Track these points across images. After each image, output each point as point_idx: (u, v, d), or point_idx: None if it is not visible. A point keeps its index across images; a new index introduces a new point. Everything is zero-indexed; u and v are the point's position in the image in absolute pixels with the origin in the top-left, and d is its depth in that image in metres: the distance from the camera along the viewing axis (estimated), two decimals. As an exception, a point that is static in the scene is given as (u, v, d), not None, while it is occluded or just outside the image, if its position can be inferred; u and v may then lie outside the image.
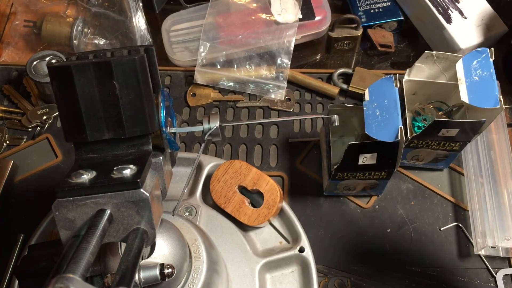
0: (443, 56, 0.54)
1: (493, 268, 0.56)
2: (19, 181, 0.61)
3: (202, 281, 0.42)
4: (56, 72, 0.32)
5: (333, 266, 0.56)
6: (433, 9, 0.67)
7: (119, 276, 0.28)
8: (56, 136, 0.64)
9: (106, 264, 0.37)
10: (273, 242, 0.55)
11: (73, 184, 0.31)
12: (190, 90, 0.68)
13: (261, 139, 0.64)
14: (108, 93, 0.32)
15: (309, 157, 0.63)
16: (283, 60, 0.66)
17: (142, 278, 0.35)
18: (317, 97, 0.67)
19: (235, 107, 0.67)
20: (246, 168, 0.56)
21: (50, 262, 0.38)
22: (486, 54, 0.52)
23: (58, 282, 0.24)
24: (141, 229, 0.32)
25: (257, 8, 0.68)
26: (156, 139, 0.35)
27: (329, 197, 0.60)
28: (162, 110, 0.34)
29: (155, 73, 0.35)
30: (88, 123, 0.33)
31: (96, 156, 0.34)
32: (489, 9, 0.67)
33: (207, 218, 0.54)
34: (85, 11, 0.68)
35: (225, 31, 0.67)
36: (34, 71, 0.63)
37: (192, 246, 0.44)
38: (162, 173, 0.35)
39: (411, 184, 0.61)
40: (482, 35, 0.66)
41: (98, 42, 0.68)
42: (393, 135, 0.49)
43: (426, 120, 0.58)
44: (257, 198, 0.56)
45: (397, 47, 0.72)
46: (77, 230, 0.31)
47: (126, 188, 0.31)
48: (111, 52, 0.34)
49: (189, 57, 0.68)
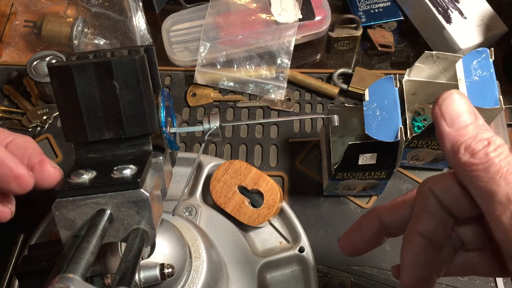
0: (443, 56, 0.54)
1: (493, 268, 0.56)
2: (19, 181, 0.61)
3: (202, 281, 0.42)
4: (56, 72, 0.32)
5: (333, 266, 0.56)
6: (433, 9, 0.67)
7: (119, 276, 0.28)
8: (56, 136, 0.64)
9: (106, 264, 0.37)
10: (273, 242, 0.55)
11: (73, 184, 0.31)
12: (190, 90, 0.68)
13: (261, 139, 0.64)
14: (108, 93, 0.32)
15: (309, 157, 0.63)
16: (283, 60, 0.66)
17: (142, 278, 0.35)
18: (317, 97, 0.67)
19: (235, 107, 0.67)
20: (246, 168, 0.56)
21: (50, 262, 0.39)
22: (486, 54, 0.52)
23: (58, 282, 0.24)
24: (141, 229, 0.32)
25: (257, 8, 0.68)
26: (156, 139, 0.35)
27: (329, 197, 0.60)
28: (162, 110, 0.34)
29: (155, 73, 0.35)
30: (88, 123, 0.33)
31: (96, 156, 0.34)
32: (489, 9, 0.67)
33: (207, 218, 0.54)
34: (85, 11, 0.68)
35: (225, 31, 0.67)
36: (34, 71, 0.63)
37: (192, 246, 0.44)
38: (162, 173, 0.35)
39: (411, 184, 0.61)
40: (482, 35, 0.66)
41: (98, 42, 0.68)
42: (393, 135, 0.49)
43: (426, 120, 0.58)
44: (257, 198, 0.56)
45: (397, 47, 0.72)
46: (77, 230, 0.31)
47: (126, 188, 0.31)
48: (111, 52, 0.34)
49: (189, 57, 0.68)
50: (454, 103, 0.31)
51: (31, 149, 0.35)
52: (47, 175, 0.34)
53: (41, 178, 0.34)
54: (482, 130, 0.30)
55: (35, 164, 0.34)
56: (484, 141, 0.29)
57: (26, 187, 0.33)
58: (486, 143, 0.29)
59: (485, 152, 0.29)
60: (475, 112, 0.31)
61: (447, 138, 0.31)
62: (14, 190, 0.33)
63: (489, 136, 0.30)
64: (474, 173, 0.29)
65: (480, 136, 0.30)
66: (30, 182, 0.33)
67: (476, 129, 0.30)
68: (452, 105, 0.31)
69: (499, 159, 0.28)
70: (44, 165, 0.34)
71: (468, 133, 0.30)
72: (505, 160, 0.28)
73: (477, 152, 0.29)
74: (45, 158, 0.35)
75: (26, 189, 0.33)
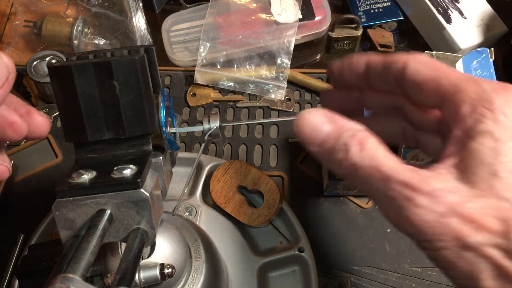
0: (443, 56, 0.54)
1: (493, 268, 0.56)
2: (19, 181, 0.61)
3: (202, 281, 0.42)
4: (56, 72, 0.32)
5: (333, 266, 0.56)
6: (433, 9, 0.67)
7: (119, 276, 0.28)
8: (56, 136, 0.64)
9: (106, 264, 0.37)
10: (273, 242, 0.55)
11: (73, 184, 0.31)
12: (190, 90, 0.68)
13: (261, 139, 0.64)
14: (108, 93, 0.32)
15: (309, 157, 0.63)
16: (283, 60, 0.66)
17: (142, 278, 0.35)
18: (317, 97, 0.67)
19: (235, 107, 0.67)
20: (246, 168, 0.56)
21: (50, 262, 0.38)
22: (486, 54, 0.52)
23: (58, 282, 0.24)
24: (141, 229, 0.32)
25: (257, 8, 0.68)
26: (156, 139, 0.35)
27: (329, 197, 0.60)
28: (162, 110, 0.34)
29: (155, 73, 0.35)
30: (88, 123, 0.33)
31: (96, 156, 0.34)
32: (489, 9, 0.67)
33: (207, 218, 0.54)
34: (85, 11, 0.68)
35: (225, 31, 0.67)
36: (34, 71, 0.63)
37: (192, 246, 0.44)
38: (162, 173, 0.35)
39: (411, 184, 0.61)
40: (482, 35, 0.66)
41: (98, 42, 0.68)
42: (393, 135, 0.49)
43: (426, 120, 0.58)
44: (257, 198, 0.56)
45: (397, 47, 0.72)
46: (77, 230, 0.31)
47: (126, 188, 0.31)
48: (111, 52, 0.34)
49: (189, 57, 0.68)
50: (305, 125, 0.32)
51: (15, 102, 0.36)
52: (37, 123, 0.36)
53: (32, 126, 0.36)
54: (340, 136, 0.30)
55: (23, 114, 0.36)
56: (342, 147, 0.29)
57: (21, 133, 0.34)
58: (344, 148, 0.29)
59: (346, 157, 0.29)
60: (332, 119, 0.31)
61: (319, 157, 0.31)
62: (10, 136, 0.34)
63: (347, 139, 0.30)
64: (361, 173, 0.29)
65: (339, 145, 0.30)
66: (23, 127, 0.34)
67: (336, 136, 0.30)
68: (305, 127, 0.32)
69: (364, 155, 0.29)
70: (32, 114, 0.36)
71: (331, 143, 0.30)
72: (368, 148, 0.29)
73: (345, 161, 0.29)
74: (32, 108, 0.37)
75: (21, 134, 0.34)
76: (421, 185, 0.27)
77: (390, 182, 0.27)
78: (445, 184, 0.27)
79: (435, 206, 0.26)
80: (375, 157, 0.28)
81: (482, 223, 0.25)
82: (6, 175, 0.37)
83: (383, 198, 0.28)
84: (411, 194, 0.27)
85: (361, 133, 0.30)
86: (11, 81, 0.33)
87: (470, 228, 0.25)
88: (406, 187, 0.27)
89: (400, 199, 0.27)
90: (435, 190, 0.26)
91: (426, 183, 0.27)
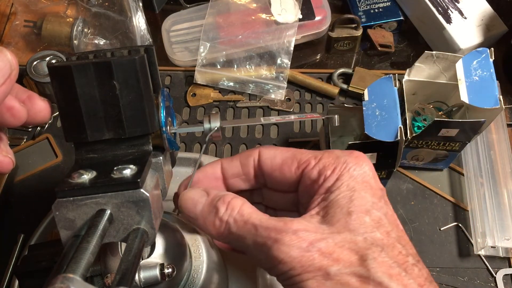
0: (443, 56, 0.54)
1: (493, 268, 0.56)
2: (19, 181, 0.61)
3: (202, 281, 0.42)
4: (56, 72, 0.32)
5: (333, 266, 0.56)
6: (433, 9, 0.67)
7: (119, 276, 0.28)
8: (56, 136, 0.64)
9: (106, 264, 0.37)
10: (273, 242, 0.55)
11: (73, 184, 0.31)
12: (190, 90, 0.68)
13: (261, 139, 0.64)
14: (108, 93, 0.32)
15: (309, 157, 0.63)
16: (283, 60, 0.66)
17: (142, 278, 0.35)
18: (317, 97, 0.67)
19: (235, 107, 0.67)
20: (246, 168, 0.56)
21: (50, 262, 0.38)
22: (486, 54, 0.52)
23: (58, 282, 0.24)
24: (141, 229, 0.32)
25: (257, 8, 0.68)
26: (156, 139, 0.35)
27: (329, 197, 0.60)
28: (162, 110, 0.34)
29: (155, 73, 0.35)
30: (88, 123, 0.33)
31: (96, 156, 0.34)
32: (489, 9, 0.67)
33: (207, 218, 0.54)
34: (85, 11, 0.68)
35: (225, 31, 0.67)
36: (34, 71, 0.63)
37: (192, 246, 0.44)
38: (162, 173, 0.35)
39: (411, 184, 0.61)
40: (482, 35, 0.66)
41: (98, 42, 0.68)
42: (393, 135, 0.49)
43: (426, 120, 0.58)
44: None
45: (397, 47, 0.72)
46: (77, 230, 0.31)
47: (126, 188, 0.31)
48: (111, 52, 0.34)
49: (189, 57, 0.68)
50: (187, 201, 0.36)
51: (17, 87, 0.36)
52: (38, 108, 0.36)
53: (34, 112, 0.35)
54: (211, 203, 0.35)
55: (25, 100, 0.35)
56: (213, 210, 0.34)
57: (20, 118, 0.34)
58: (215, 211, 0.34)
59: (220, 219, 0.34)
60: (207, 192, 0.36)
61: (201, 226, 0.36)
62: (9, 121, 0.34)
63: (217, 203, 0.34)
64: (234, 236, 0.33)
65: (210, 209, 0.35)
66: (22, 112, 0.34)
67: (209, 204, 0.35)
68: (187, 203, 0.36)
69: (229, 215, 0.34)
70: (34, 99, 0.36)
71: (206, 211, 0.35)
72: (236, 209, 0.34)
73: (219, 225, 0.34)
74: (33, 93, 0.36)
75: (20, 120, 0.34)
76: (286, 227, 0.31)
77: (259, 230, 0.32)
78: (308, 225, 0.31)
79: (299, 243, 0.30)
80: (243, 213, 0.33)
81: (337, 255, 0.30)
82: (10, 167, 0.37)
83: (254, 246, 0.32)
84: (277, 236, 0.31)
85: (227, 196, 0.34)
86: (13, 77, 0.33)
87: (329, 259, 0.30)
88: (274, 231, 0.31)
89: (269, 243, 0.31)
90: (299, 230, 0.31)
91: (291, 225, 0.31)
